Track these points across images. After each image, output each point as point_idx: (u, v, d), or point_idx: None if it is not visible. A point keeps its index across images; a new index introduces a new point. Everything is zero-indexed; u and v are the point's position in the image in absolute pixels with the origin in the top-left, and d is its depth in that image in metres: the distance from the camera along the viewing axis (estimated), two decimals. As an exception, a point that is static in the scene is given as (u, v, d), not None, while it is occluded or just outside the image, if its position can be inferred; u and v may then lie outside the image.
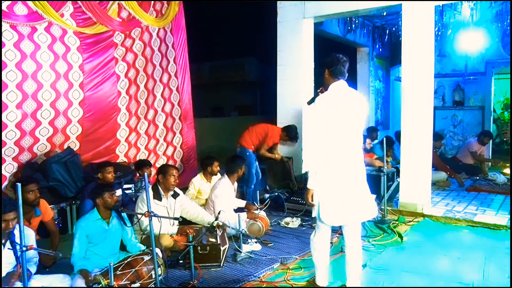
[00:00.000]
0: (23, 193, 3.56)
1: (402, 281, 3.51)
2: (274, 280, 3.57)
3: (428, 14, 5.44)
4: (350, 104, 3.06)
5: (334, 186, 3.04)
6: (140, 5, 5.95)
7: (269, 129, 6.15)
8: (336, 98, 3.06)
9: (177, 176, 4.30)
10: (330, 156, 3.03)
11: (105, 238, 3.54)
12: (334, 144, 3.02)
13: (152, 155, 6.50)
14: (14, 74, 4.66)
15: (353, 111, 3.06)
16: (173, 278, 3.55)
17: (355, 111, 3.07)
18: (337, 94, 3.07)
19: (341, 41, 9.27)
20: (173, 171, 4.24)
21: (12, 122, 4.70)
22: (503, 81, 11.66)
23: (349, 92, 3.12)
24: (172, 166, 4.39)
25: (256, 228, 4.63)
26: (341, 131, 3.02)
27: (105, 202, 3.52)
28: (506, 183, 7.04)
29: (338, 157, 3.03)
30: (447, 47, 9.85)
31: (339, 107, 3.03)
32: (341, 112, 3.02)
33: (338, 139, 3.02)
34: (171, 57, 6.67)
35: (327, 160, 3.03)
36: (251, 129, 6.22)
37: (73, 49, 5.23)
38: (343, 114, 3.02)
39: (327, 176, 3.04)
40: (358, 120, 3.09)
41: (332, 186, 3.04)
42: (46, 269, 3.47)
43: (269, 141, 6.08)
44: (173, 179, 4.21)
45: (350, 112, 3.05)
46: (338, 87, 3.09)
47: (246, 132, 6.24)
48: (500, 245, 4.31)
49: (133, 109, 6.10)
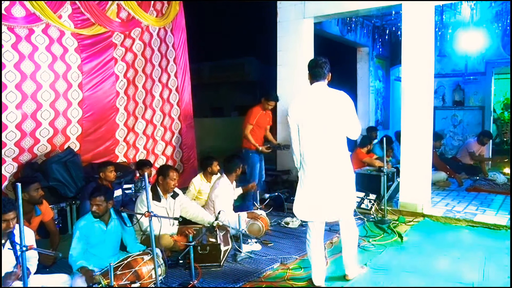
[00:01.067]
0: (28, 191, 3.61)
1: (402, 281, 3.50)
2: (274, 280, 3.57)
3: (428, 14, 5.43)
4: (324, 104, 3.16)
5: (307, 183, 3.24)
6: (140, 5, 5.95)
7: (249, 112, 6.03)
8: (308, 99, 3.23)
9: (177, 178, 4.27)
10: (304, 155, 3.23)
11: (103, 240, 3.53)
12: (307, 143, 3.19)
13: (151, 155, 6.51)
14: (13, 74, 4.66)
15: (327, 111, 3.15)
16: (173, 278, 3.55)
17: (331, 110, 3.15)
18: (311, 95, 3.24)
19: (341, 41, 9.27)
20: (173, 174, 4.18)
21: (12, 123, 4.71)
22: (503, 81, 11.65)
23: (325, 93, 3.23)
24: (173, 168, 4.35)
25: (256, 228, 4.63)
26: (314, 130, 3.16)
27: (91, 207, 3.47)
28: (506, 183, 7.04)
29: (311, 155, 3.19)
30: (447, 47, 9.84)
31: (311, 108, 3.17)
32: (313, 112, 3.16)
33: (310, 138, 3.18)
34: (171, 57, 6.67)
35: (302, 158, 3.26)
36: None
37: (71, 50, 5.23)
38: (315, 114, 3.16)
39: (302, 173, 3.28)
40: (334, 119, 3.15)
41: (305, 182, 3.25)
42: (46, 269, 3.47)
43: (251, 118, 5.93)
44: (172, 183, 4.17)
45: (324, 112, 3.15)
46: (313, 88, 3.27)
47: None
48: (500, 245, 4.31)
49: (131, 109, 6.10)
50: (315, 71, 3.28)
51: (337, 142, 3.19)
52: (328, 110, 3.15)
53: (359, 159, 6.64)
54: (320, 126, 3.15)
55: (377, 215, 5.42)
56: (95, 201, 3.44)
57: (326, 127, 3.15)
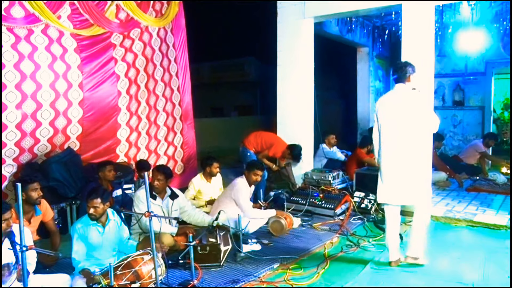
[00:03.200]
0: (26, 191, 3.60)
1: (402, 281, 3.51)
2: (274, 280, 3.57)
3: (428, 14, 5.43)
4: (403, 104, 3.58)
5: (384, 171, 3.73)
6: (138, 6, 5.94)
7: (276, 141, 6.29)
8: (390, 99, 3.69)
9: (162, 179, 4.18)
10: (383, 146, 3.70)
11: (101, 242, 3.50)
12: (386, 137, 3.66)
13: (153, 155, 6.50)
14: (12, 74, 4.66)
15: (404, 109, 3.56)
16: (173, 278, 3.55)
17: (407, 109, 3.56)
18: (392, 95, 3.69)
19: (341, 41, 9.28)
20: (157, 175, 4.14)
21: (12, 122, 4.71)
22: (503, 81, 11.64)
23: (404, 93, 3.63)
24: (159, 170, 4.23)
25: (278, 226, 4.63)
26: (392, 126, 3.62)
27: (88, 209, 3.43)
28: (506, 183, 7.04)
29: (389, 147, 3.65)
30: (447, 47, 9.84)
31: (390, 106, 3.64)
32: (392, 110, 3.61)
33: (389, 133, 3.65)
34: (172, 57, 6.67)
35: (382, 149, 3.72)
36: (259, 134, 6.37)
37: (70, 51, 5.23)
38: (394, 112, 3.61)
39: (381, 162, 3.75)
40: (411, 117, 3.55)
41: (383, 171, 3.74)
42: (46, 269, 3.47)
43: (271, 152, 6.20)
44: (152, 181, 4.14)
45: (401, 111, 3.57)
46: (395, 89, 3.72)
47: (253, 135, 6.33)
48: (500, 245, 4.31)
49: (133, 109, 6.10)
50: (396, 75, 3.69)
51: (413, 136, 3.57)
52: (405, 109, 3.56)
53: (359, 159, 6.63)
54: (397, 122, 3.58)
55: (377, 215, 5.41)
56: (92, 203, 3.39)
57: (403, 124, 3.56)
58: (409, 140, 3.57)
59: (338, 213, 5.37)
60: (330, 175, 6.09)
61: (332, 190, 5.77)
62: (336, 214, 5.34)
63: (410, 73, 3.67)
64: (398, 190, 3.66)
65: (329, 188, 5.84)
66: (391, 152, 3.64)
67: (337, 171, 6.31)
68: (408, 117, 3.56)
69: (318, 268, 3.75)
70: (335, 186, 5.99)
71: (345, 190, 5.84)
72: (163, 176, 4.18)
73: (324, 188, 5.82)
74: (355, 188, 6.09)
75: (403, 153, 3.58)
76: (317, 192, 5.69)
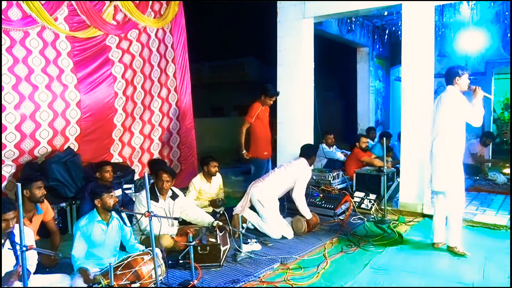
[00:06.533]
0: (30, 189, 3.62)
1: (402, 281, 3.50)
2: (274, 280, 3.57)
3: (428, 14, 5.43)
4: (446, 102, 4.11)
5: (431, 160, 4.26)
6: (137, 6, 5.94)
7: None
8: (439, 98, 4.20)
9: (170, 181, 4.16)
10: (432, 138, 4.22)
11: (104, 240, 3.51)
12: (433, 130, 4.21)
13: (146, 154, 6.51)
14: (7, 77, 4.65)
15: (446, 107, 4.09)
16: (173, 278, 3.55)
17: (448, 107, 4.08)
18: (442, 95, 4.20)
19: (341, 41, 9.28)
20: (163, 175, 4.11)
21: (12, 124, 4.70)
22: (503, 81, 11.65)
23: (448, 94, 4.13)
24: (164, 170, 4.20)
25: (300, 225, 4.68)
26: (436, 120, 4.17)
27: (104, 204, 3.45)
28: (506, 183, 7.04)
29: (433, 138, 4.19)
30: (447, 47, 9.85)
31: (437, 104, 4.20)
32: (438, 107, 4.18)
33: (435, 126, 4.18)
34: (170, 57, 6.67)
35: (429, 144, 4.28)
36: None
37: (64, 55, 5.23)
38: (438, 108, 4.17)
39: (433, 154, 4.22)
40: (450, 113, 4.06)
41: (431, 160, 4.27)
42: (46, 269, 3.47)
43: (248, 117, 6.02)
44: (161, 184, 4.12)
45: (444, 108, 4.11)
46: (445, 90, 4.21)
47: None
48: (500, 245, 4.31)
49: (129, 110, 6.10)
50: (445, 78, 4.24)
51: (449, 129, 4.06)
52: (447, 107, 4.07)
53: (357, 159, 6.63)
54: (439, 118, 4.12)
55: (377, 215, 5.42)
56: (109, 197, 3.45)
57: (443, 119, 4.09)
58: (443, 132, 4.09)
59: (338, 213, 5.36)
60: (330, 175, 6.09)
61: (332, 190, 5.77)
62: (336, 214, 5.34)
63: (456, 75, 4.15)
64: (433, 177, 4.21)
65: (329, 188, 5.84)
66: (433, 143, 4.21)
67: (337, 171, 6.31)
68: (446, 113, 4.08)
69: (318, 268, 3.76)
70: (335, 186, 5.99)
71: (345, 190, 5.84)
72: (171, 178, 4.20)
73: (324, 188, 5.82)
74: (355, 188, 6.09)
75: (437, 144, 4.14)
76: (317, 192, 5.69)
